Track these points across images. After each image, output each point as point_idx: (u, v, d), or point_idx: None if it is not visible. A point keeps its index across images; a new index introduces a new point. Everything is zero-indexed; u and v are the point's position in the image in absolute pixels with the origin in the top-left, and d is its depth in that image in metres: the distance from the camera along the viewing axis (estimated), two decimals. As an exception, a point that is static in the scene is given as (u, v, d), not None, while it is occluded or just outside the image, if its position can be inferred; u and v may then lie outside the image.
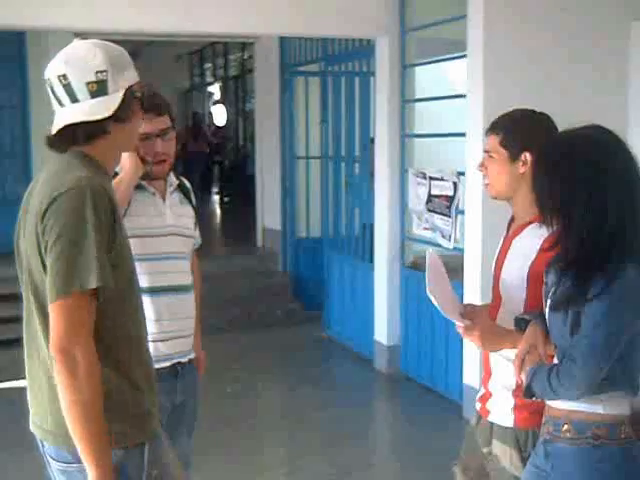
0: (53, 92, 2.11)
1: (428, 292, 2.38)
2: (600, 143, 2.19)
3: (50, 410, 2.08)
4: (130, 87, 2.14)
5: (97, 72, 2.07)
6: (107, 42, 2.16)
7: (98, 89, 2.07)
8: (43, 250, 1.99)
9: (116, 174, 2.79)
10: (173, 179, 2.96)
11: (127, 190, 2.74)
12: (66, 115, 2.09)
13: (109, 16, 5.53)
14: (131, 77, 2.15)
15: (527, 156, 2.44)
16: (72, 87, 2.07)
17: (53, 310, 1.96)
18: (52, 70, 2.10)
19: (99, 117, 2.07)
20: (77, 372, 1.94)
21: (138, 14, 5.57)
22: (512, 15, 5.31)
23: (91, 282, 1.94)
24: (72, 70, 2.07)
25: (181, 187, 3.02)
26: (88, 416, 1.96)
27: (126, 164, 2.77)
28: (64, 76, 2.08)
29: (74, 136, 2.09)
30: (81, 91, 2.07)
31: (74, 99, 2.08)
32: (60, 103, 2.10)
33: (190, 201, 3.04)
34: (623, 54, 5.56)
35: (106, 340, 2.03)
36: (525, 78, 5.30)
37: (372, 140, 6.96)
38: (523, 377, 2.25)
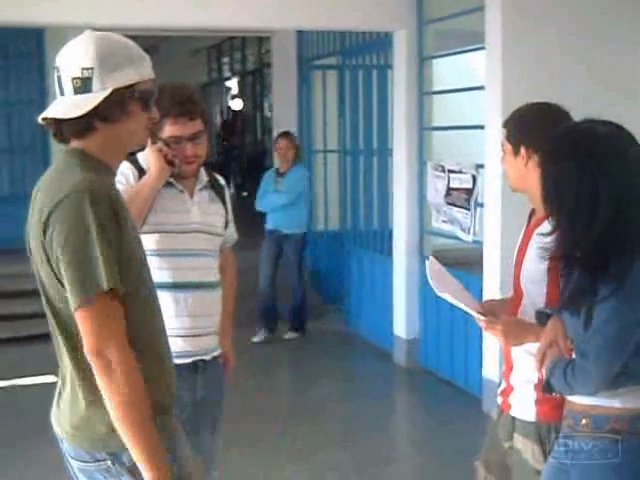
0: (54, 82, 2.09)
1: (440, 294, 2.44)
2: (604, 136, 2.16)
3: (69, 411, 2.08)
4: (130, 86, 2.05)
5: (83, 69, 2.01)
6: (114, 36, 2.10)
7: (82, 86, 2.02)
8: (54, 263, 1.97)
9: (144, 172, 2.80)
10: (204, 176, 2.95)
11: (150, 193, 2.75)
12: (51, 108, 2.07)
13: (126, 12, 5.55)
14: (128, 76, 2.05)
15: (524, 150, 2.47)
16: (61, 80, 2.05)
17: (79, 318, 1.95)
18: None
19: (71, 116, 2.01)
20: (114, 374, 1.93)
21: (155, 9, 5.59)
22: (530, 6, 5.28)
23: (104, 283, 1.92)
24: (62, 64, 2.05)
25: (213, 184, 3.01)
26: (134, 416, 1.95)
27: (152, 167, 2.78)
28: (57, 68, 2.06)
29: (60, 132, 2.07)
30: (67, 86, 2.04)
31: (62, 92, 2.05)
32: (54, 94, 2.09)
33: (222, 199, 3.03)
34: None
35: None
36: (544, 70, 5.26)
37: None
38: (544, 372, 2.24)
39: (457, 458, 4.57)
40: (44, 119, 2.08)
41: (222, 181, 3.11)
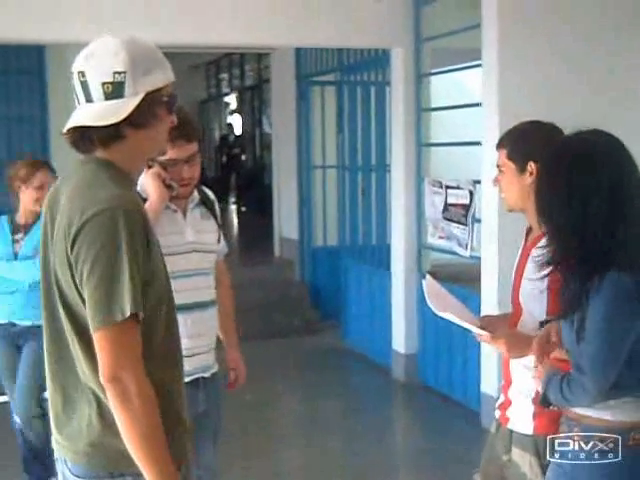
0: (74, 88, 1.99)
1: (439, 313, 2.47)
2: (596, 148, 2.19)
3: (86, 429, 2.00)
4: (158, 90, 2.00)
5: (115, 73, 1.93)
6: (138, 39, 2.03)
7: (114, 91, 1.93)
8: (78, 279, 1.90)
9: (144, 200, 2.83)
10: (195, 194, 2.99)
11: (154, 221, 2.77)
12: (77, 115, 1.97)
13: (126, 30, 5.57)
14: (157, 80, 2.00)
15: (532, 166, 2.49)
16: (88, 85, 1.95)
17: (97, 340, 1.88)
18: (75, 65, 1.99)
19: (105, 123, 1.93)
20: (130, 400, 1.87)
21: (155, 27, 5.61)
22: (526, 24, 5.33)
23: (128, 308, 1.86)
24: (90, 68, 1.95)
25: (204, 201, 3.04)
26: (149, 443, 1.89)
27: (152, 194, 2.80)
28: (82, 73, 1.96)
29: (88, 139, 1.98)
30: (96, 91, 1.94)
31: (89, 98, 1.96)
32: (77, 100, 1.99)
33: (214, 215, 3.06)
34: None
35: (145, 361, 1.94)
36: (540, 86, 5.31)
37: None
38: (540, 385, 2.27)
39: (456, 472, 4.59)
40: (68, 129, 1.99)
41: (212, 195, 3.13)
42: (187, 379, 2.79)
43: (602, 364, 2.11)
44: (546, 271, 2.26)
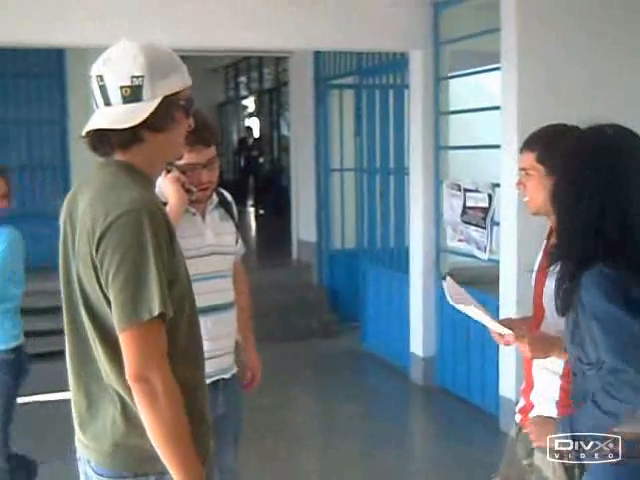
0: (92, 92, 2.03)
1: (458, 307, 2.47)
2: (610, 142, 2.18)
3: (110, 430, 2.03)
4: (175, 94, 2.03)
5: (132, 77, 1.96)
6: (156, 44, 2.07)
7: (132, 94, 1.96)
8: (103, 280, 1.93)
9: (164, 204, 2.84)
10: (213, 197, 3.00)
11: (173, 225, 2.79)
12: (96, 119, 2.00)
13: (145, 33, 5.61)
14: (175, 84, 2.03)
15: None
16: (106, 89, 1.98)
17: (124, 340, 1.91)
18: (93, 69, 2.02)
19: (123, 126, 1.96)
20: (157, 399, 1.89)
21: (175, 31, 5.64)
22: (545, 27, 5.31)
23: (157, 308, 1.89)
24: (108, 72, 1.98)
25: (222, 203, 3.05)
26: (175, 441, 1.92)
27: (172, 198, 2.81)
28: (101, 77, 1.99)
29: (107, 143, 2.01)
30: (114, 95, 1.98)
31: (107, 102, 1.99)
32: (96, 104, 2.02)
33: (232, 216, 3.08)
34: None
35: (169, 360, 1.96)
36: (559, 90, 5.30)
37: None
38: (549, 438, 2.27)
39: (474, 476, 4.58)
40: (87, 132, 2.02)
41: (229, 197, 3.14)
42: (208, 381, 2.81)
43: (637, 353, 2.05)
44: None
